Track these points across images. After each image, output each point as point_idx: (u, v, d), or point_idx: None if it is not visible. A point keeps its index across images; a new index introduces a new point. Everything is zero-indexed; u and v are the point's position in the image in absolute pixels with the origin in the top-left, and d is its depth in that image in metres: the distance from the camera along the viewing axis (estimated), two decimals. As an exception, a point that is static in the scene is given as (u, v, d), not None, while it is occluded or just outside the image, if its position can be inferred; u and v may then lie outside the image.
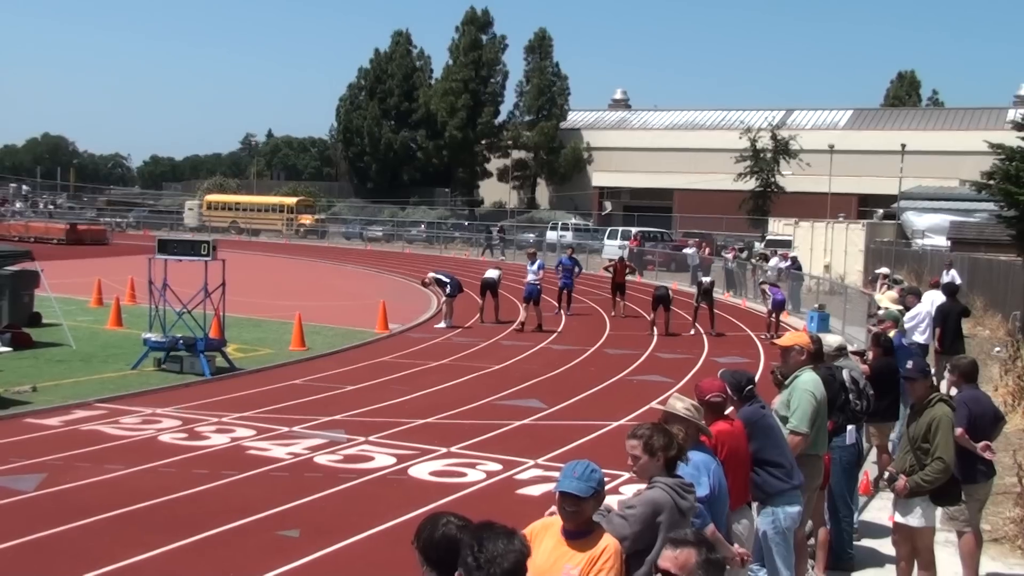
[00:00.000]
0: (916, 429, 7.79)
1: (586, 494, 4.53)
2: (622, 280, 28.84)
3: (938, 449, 7.58)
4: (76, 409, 14.40)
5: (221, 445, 12.64)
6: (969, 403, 8.37)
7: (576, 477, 4.55)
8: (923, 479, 7.59)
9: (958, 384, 8.81)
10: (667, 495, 5.10)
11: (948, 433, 7.64)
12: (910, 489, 7.64)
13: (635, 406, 15.54)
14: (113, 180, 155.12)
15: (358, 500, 10.46)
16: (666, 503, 5.07)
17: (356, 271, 44.70)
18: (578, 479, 4.54)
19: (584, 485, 4.53)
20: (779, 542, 7.12)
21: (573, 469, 4.61)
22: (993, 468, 8.56)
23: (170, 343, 17.71)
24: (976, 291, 28.52)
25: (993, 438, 8.49)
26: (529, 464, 12.01)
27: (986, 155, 25.48)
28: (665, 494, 5.10)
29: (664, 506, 5.06)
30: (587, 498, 4.54)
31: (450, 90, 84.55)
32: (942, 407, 7.77)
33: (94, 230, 60.11)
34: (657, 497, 5.09)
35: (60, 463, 11.51)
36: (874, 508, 10.27)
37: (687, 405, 5.91)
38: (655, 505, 5.06)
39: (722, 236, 59.50)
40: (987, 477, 8.52)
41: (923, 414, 7.79)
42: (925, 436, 7.67)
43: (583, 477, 4.55)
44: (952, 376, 8.96)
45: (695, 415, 5.88)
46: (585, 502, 4.54)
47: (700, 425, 5.91)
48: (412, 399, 15.97)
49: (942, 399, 7.90)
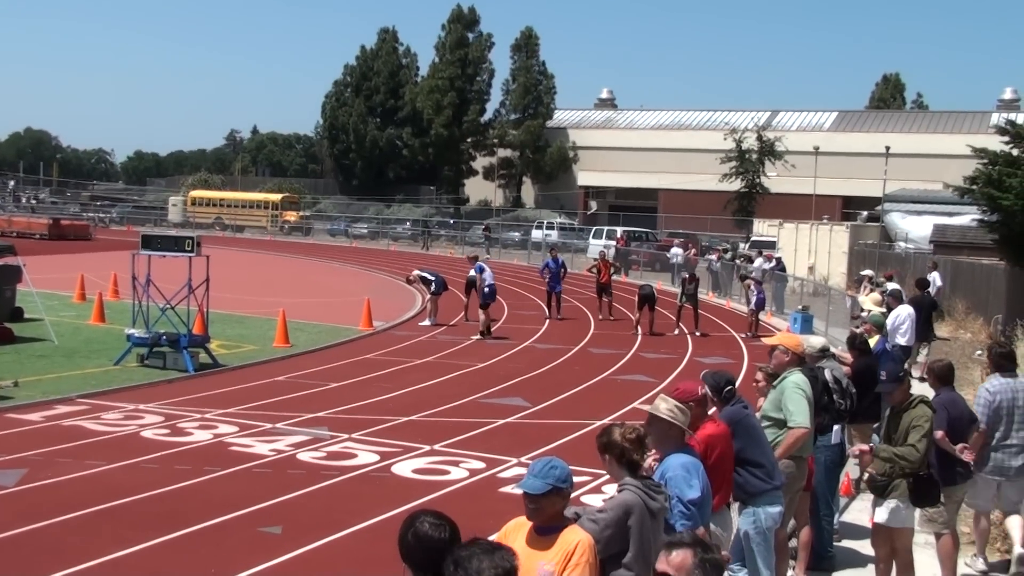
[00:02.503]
0: (897, 431, 7.85)
1: (540, 491, 4.54)
2: (607, 280, 28.11)
3: (915, 444, 7.61)
4: (58, 404, 14.34)
5: (204, 441, 12.61)
6: (947, 406, 8.42)
7: (534, 475, 4.59)
8: (895, 454, 7.62)
9: (934, 387, 8.85)
10: (636, 496, 5.12)
11: (926, 433, 7.68)
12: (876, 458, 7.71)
13: (619, 405, 15.58)
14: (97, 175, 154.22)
15: (341, 497, 10.46)
16: (635, 504, 5.09)
17: (341, 268, 44.63)
18: (535, 477, 4.58)
19: (540, 483, 4.55)
20: (760, 542, 7.16)
21: (533, 467, 4.66)
22: (971, 470, 8.62)
23: (153, 339, 17.65)
24: (958, 294, 28.68)
25: (969, 440, 8.56)
26: (512, 462, 12.02)
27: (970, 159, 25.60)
28: (635, 496, 5.13)
29: (634, 507, 5.08)
30: (543, 495, 4.55)
31: (436, 88, 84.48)
32: (922, 408, 7.81)
33: (77, 225, 59.81)
34: (627, 499, 5.12)
35: (41, 458, 11.47)
36: (855, 509, 10.33)
37: (671, 406, 5.90)
38: (625, 507, 5.09)
39: (707, 236, 59.68)
40: (965, 479, 8.59)
41: (903, 416, 7.84)
42: (906, 437, 7.72)
43: (540, 474, 4.58)
44: (928, 379, 9.01)
45: (679, 416, 5.88)
46: (544, 499, 4.56)
47: (683, 428, 5.90)
48: (396, 396, 15.96)
49: (923, 401, 7.94)
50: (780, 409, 7.77)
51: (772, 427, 7.73)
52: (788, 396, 7.74)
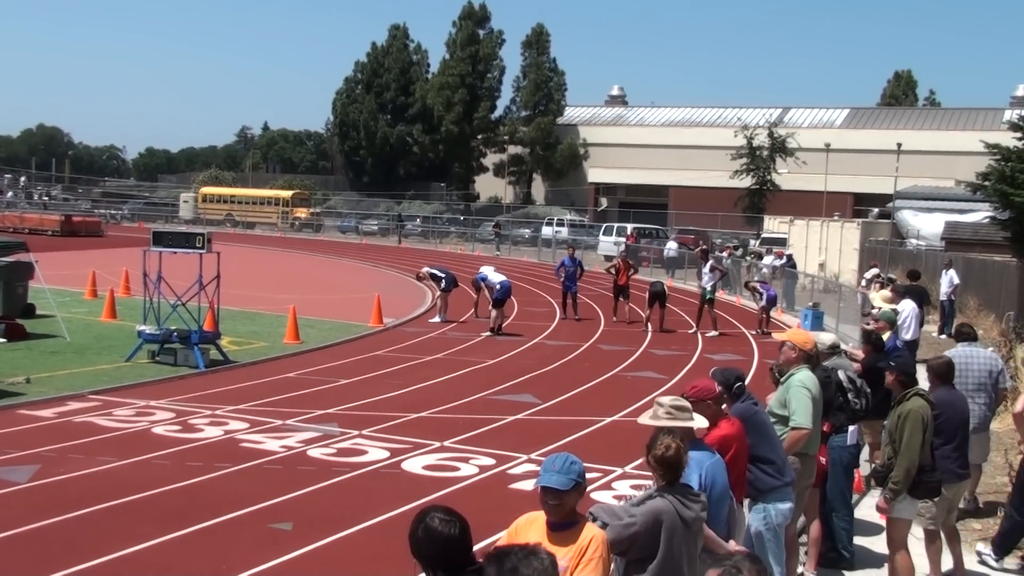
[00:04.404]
0: (890, 422, 7.88)
1: (566, 487, 4.57)
2: (625, 282, 26.70)
3: (903, 447, 7.63)
4: (70, 401, 14.39)
5: (215, 438, 12.64)
6: (943, 406, 8.33)
7: (556, 471, 4.60)
8: (892, 483, 7.66)
9: (933, 384, 8.78)
10: (669, 504, 5.13)
11: (915, 428, 7.64)
12: (887, 499, 7.73)
13: (629, 402, 15.56)
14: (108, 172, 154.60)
15: (351, 493, 10.48)
16: (667, 512, 5.10)
17: (351, 265, 44.68)
18: (558, 472, 4.59)
19: (564, 478, 4.58)
20: (770, 539, 7.16)
21: (553, 463, 4.67)
22: (967, 469, 8.62)
23: (164, 335, 17.70)
24: (970, 292, 28.58)
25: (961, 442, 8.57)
26: (522, 459, 12.03)
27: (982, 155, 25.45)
28: (667, 503, 5.14)
29: (664, 515, 5.09)
30: (568, 491, 4.58)
31: (447, 85, 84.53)
32: (916, 401, 7.79)
33: (89, 222, 59.91)
34: (658, 507, 5.13)
35: (54, 455, 11.51)
36: (865, 506, 10.30)
37: (667, 409, 5.83)
38: (655, 513, 5.09)
39: (718, 233, 59.59)
40: (960, 478, 8.60)
41: (898, 408, 7.85)
42: (896, 429, 7.76)
43: (563, 470, 4.60)
44: (928, 376, 8.97)
45: (679, 417, 5.83)
46: (567, 495, 4.59)
47: (686, 426, 5.80)
48: (406, 393, 15.97)
49: (918, 393, 7.91)
50: (785, 406, 7.76)
51: (778, 424, 7.71)
52: (792, 395, 7.73)
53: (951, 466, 8.39)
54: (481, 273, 24.64)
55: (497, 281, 23.70)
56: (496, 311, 23.34)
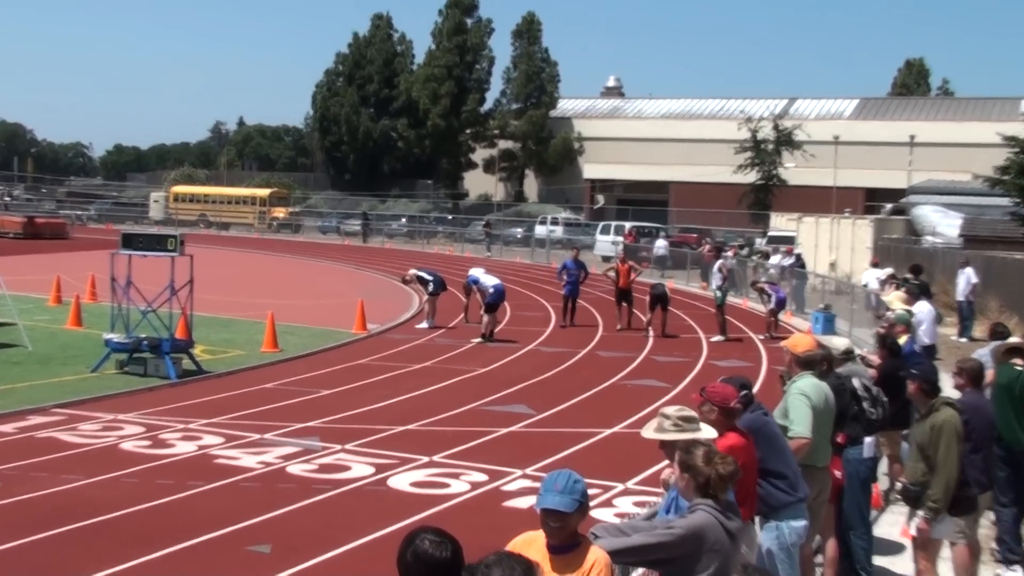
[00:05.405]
0: (921, 435, 7.80)
1: (570, 509, 4.48)
2: (627, 286, 26.09)
3: (940, 462, 7.57)
4: (32, 415, 14.30)
5: (187, 453, 12.57)
6: (971, 412, 8.30)
7: (558, 491, 4.51)
8: (932, 502, 7.60)
9: (963, 387, 8.77)
10: (711, 518, 5.09)
11: (951, 441, 7.61)
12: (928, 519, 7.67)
13: (630, 413, 15.51)
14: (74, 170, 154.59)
15: (334, 513, 10.41)
16: (711, 527, 5.06)
17: (333, 267, 44.64)
18: (561, 493, 4.50)
19: (568, 499, 4.49)
20: (784, 559, 7.08)
21: (555, 482, 4.56)
22: (991, 480, 8.60)
23: (133, 344, 17.63)
24: (991, 292, 28.55)
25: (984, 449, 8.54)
26: (517, 474, 11.98)
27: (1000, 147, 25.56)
28: (709, 517, 5.09)
29: (708, 530, 5.05)
30: (571, 513, 4.50)
31: (433, 76, 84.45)
32: (947, 411, 7.74)
33: (53, 223, 59.82)
34: (700, 521, 5.08)
35: (15, 473, 11.43)
36: (885, 523, 10.25)
37: (674, 420, 5.79)
38: (698, 530, 5.04)
39: (721, 232, 59.61)
40: (985, 488, 8.56)
41: (926, 419, 7.79)
42: (930, 443, 7.69)
43: (566, 490, 4.51)
44: (959, 379, 8.93)
45: (685, 428, 5.79)
46: (570, 517, 4.51)
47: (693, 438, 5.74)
48: (392, 404, 15.92)
49: (947, 402, 7.87)
50: (787, 416, 7.71)
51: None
52: (791, 403, 7.69)
53: (977, 475, 8.34)
54: (472, 275, 24.58)
55: (490, 284, 23.64)
56: (488, 316, 23.27)
